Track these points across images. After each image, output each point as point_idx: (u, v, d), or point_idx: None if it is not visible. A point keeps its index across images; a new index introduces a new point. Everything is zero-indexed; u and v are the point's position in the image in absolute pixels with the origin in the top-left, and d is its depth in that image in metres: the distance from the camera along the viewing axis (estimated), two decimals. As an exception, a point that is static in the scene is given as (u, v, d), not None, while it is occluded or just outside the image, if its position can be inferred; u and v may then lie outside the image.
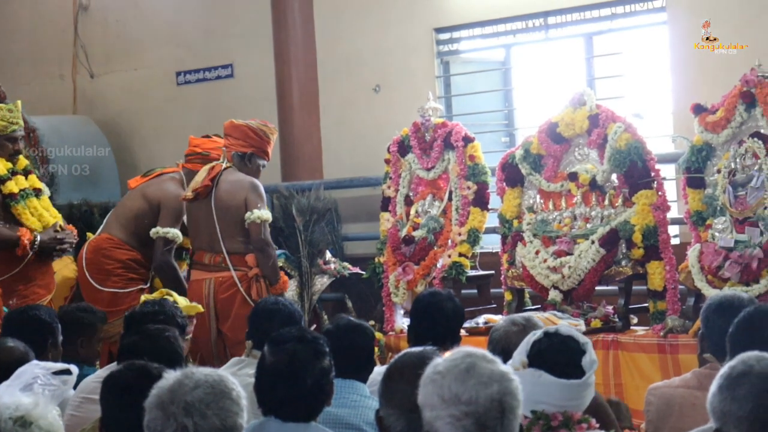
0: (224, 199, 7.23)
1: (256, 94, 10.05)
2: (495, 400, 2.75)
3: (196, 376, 3.02)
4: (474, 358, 2.84)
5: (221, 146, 7.56)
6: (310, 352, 3.77)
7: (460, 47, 9.42)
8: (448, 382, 2.80)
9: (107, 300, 7.34)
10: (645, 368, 6.30)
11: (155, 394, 3.02)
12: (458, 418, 2.77)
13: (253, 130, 7.44)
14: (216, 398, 2.99)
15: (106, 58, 11.13)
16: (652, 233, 6.56)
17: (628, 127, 6.72)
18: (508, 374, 2.83)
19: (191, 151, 7.75)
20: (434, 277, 7.45)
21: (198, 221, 7.38)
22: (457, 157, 7.52)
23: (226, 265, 7.17)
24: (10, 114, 7.39)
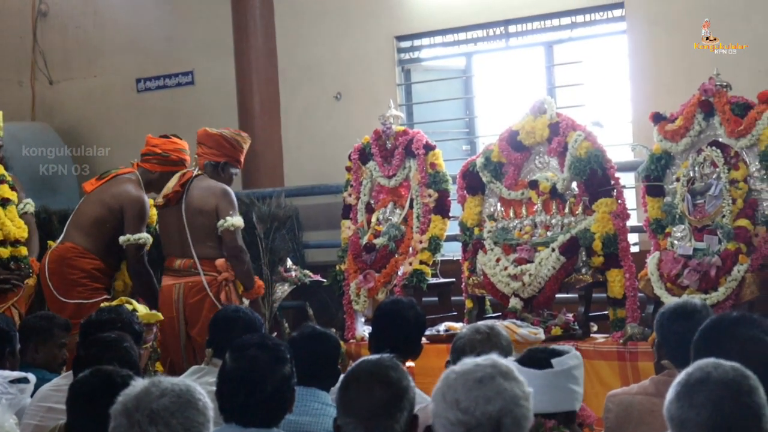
0: (195, 206, 7.30)
1: (216, 102, 10.01)
2: (492, 418, 2.74)
3: (162, 385, 3.00)
4: (496, 371, 2.83)
5: (181, 147, 7.62)
6: (271, 358, 3.80)
7: (421, 55, 9.43)
8: (457, 385, 2.80)
9: (71, 311, 7.24)
10: (605, 375, 6.33)
11: (121, 401, 2.99)
12: (452, 422, 2.77)
13: (227, 140, 7.54)
14: (182, 407, 2.97)
15: (65, 64, 11.06)
16: (612, 241, 6.59)
17: (588, 136, 6.76)
18: (521, 399, 2.80)
19: (149, 150, 7.71)
20: (395, 285, 7.45)
21: (169, 227, 7.43)
22: (418, 164, 7.52)
23: (195, 270, 7.21)
24: None
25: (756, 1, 7.70)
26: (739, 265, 6.08)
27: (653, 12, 8.10)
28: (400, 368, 3.35)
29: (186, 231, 7.30)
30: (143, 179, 7.63)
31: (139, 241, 7.48)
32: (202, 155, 7.53)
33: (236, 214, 7.35)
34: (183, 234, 7.31)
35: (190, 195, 7.37)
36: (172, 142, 7.74)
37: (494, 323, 4.56)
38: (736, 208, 6.22)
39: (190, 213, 7.33)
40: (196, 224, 7.29)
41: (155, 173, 7.69)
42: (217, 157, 7.52)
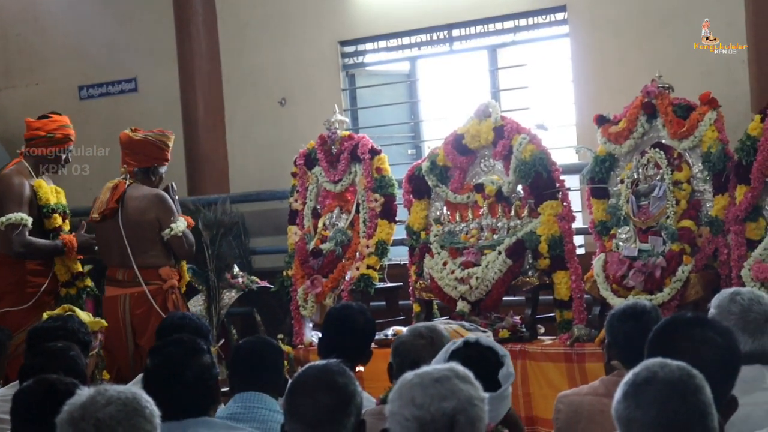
0: (133, 217, 7.25)
1: (160, 108, 9.96)
2: (446, 415, 2.75)
3: (108, 393, 2.98)
4: (452, 373, 2.84)
5: (63, 124, 7.56)
6: (186, 350, 3.91)
7: (365, 60, 9.44)
8: (414, 384, 2.81)
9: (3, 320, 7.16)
10: (553, 377, 6.36)
11: (67, 410, 2.97)
12: (406, 418, 2.77)
13: (152, 144, 7.45)
14: (128, 416, 2.95)
15: (6, 72, 10.95)
16: (558, 243, 6.63)
17: (533, 139, 6.79)
18: (476, 400, 2.81)
19: (32, 135, 7.57)
20: (343, 290, 7.45)
21: (107, 240, 7.35)
22: (363, 169, 7.52)
23: (139, 280, 7.13)
24: None
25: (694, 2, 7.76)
26: (683, 266, 6.14)
27: (595, 15, 8.17)
28: (347, 373, 3.34)
29: (125, 243, 7.19)
30: (31, 164, 7.52)
31: (11, 221, 7.30)
32: (130, 163, 7.45)
33: (177, 218, 7.28)
34: (122, 246, 7.21)
35: (126, 207, 7.28)
36: (53, 120, 7.64)
37: (435, 324, 4.57)
38: (679, 209, 6.28)
39: (128, 226, 7.23)
40: (136, 236, 7.21)
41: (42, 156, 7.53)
42: (146, 162, 7.43)
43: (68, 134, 7.59)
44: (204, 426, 3.79)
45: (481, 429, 2.83)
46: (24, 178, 7.45)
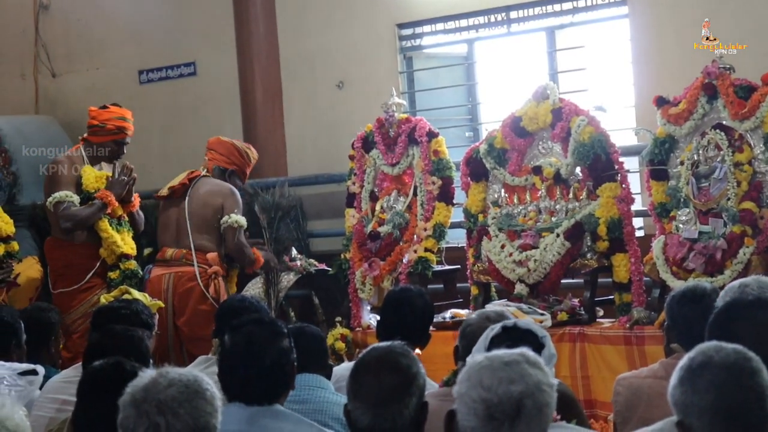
0: (200, 199, 7.52)
1: (219, 92, 10.01)
2: (513, 399, 2.76)
3: (170, 375, 3.02)
4: (523, 357, 2.86)
5: (117, 116, 7.68)
6: (267, 332, 3.86)
7: (422, 42, 9.41)
8: (483, 367, 2.82)
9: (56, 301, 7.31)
10: (611, 360, 6.33)
11: (129, 392, 3.01)
12: (474, 400, 2.78)
13: (237, 149, 7.80)
14: (189, 397, 2.98)
15: (67, 57, 11.04)
16: (617, 225, 6.59)
17: (591, 120, 6.75)
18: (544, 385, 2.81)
19: (89, 123, 7.74)
20: (400, 273, 7.46)
21: (168, 218, 7.61)
22: (421, 152, 7.52)
23: (187, 260, 7.27)
24: None
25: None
26: (744, 248, 6.08)
27: (655, -5, 8.09)
28: (411, 355, 3.39)
29: (186, 221, 7.45)
30: (87, 152, 7.67)
31: (55, 200, 7.48)
32: (211, 159, 7.75)
33: (240, 213, 7.54)
34: (182, 224, 7.46)
35: (196, 189, 7.59)
36: (109, 111, 7.75)
37: (503, 310, 4.57)
38: (740, 191, 6.21)
39: (193, 206, 7.50)
40: (197, 216, 7.48)
41: (96, 144, 7.71)
42: (226, 164, 7.76)
43: (122, 127, 7.67)
44: (273, 417, 3.77)
45: (549, 415, 2.82)
46: (74, 163, 7.61)
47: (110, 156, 7.72)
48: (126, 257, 7.63)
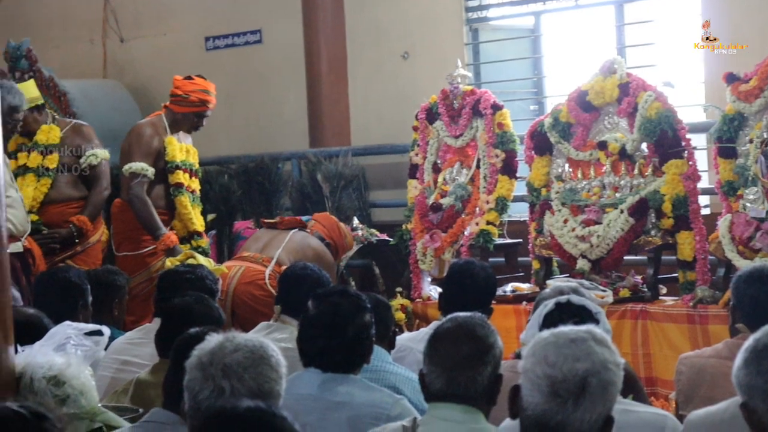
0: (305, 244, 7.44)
1: (284, 60, 10.04)
2: (578, 376, 2.75)
3: (236, 340, 3.05)
4: (589, 335, 2.84)
5: (201, 88, 7.70)
6: (353, 305, 3.96)
7: (489, 14, 9.36)
8: (549, 343, 2.83)
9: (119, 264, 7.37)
10: (674, 338, 6.29)
11: (196, 354, 3.05)
12: (538, 376, 2.78)
13: (339, 229, 7.82)
14: (254, 363, 3.00)
15: (135, 22, 11.12)
16: (682, 203, 6.53)
17: (659, 96, 6.68)
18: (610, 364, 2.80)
19: (172, 92, 7.76)
20: (462, 245, 7.45)
21: (262, 235, 7.57)
22: (485, 124, 7.49)
23: (263, 263, 7.19)
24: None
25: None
26: (813, 228, 6.00)
27: (727, -30, 7.97)
28: (489, 326, 3.45)
29: (282, 243, 7.34)
30: (169, 120, 7.71)
31: (131, 170, 7.50)
32: (315, 227, 7.71)
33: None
34: (276, 243, 7.36)
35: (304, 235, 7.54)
36: (193, 83, 7.75)
37: (577, 286, 4.56)
38: (811, 170, 6.13)
39: (295, 240, 7.42)
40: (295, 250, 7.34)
41: (178, 114, 7.73)
42: (326, 236, 7.70)
43: (204, 99, 7.70)
44: (344, 383, 3.87)
45: (614, 394, 2.81)
46: (157, 131, 7.64)
47: (190, 126, 7.77)
48: (198, 234, 7.69)
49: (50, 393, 3.50)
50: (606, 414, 2.80)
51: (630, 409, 3.49)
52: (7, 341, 3.59)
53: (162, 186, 7.64)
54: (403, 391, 4.28)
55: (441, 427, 3.28)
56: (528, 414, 2.81)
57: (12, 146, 7.71)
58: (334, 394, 3.83)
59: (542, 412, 2.77)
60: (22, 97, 7.03)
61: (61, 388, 3.52)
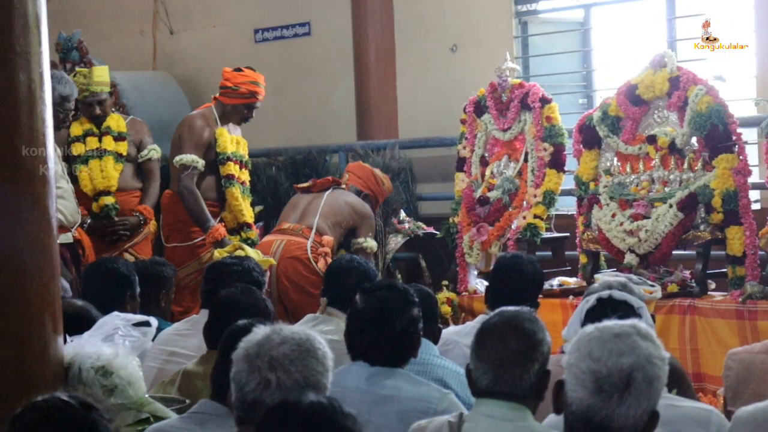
0: (341, 203, 7.62)
1: (333, 53, 10.05)
2: (623, 371, 2.74)
3: (283, 333, 3.05)
4: (634, 329, 2.83)
5: (251, 80, 7.74)
6: (401, 299, 3.97)
7: (538, 7, 9.32)
8: (593, 338, 2.82)
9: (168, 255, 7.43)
10: (722, 334, 6.24)
11: (243, 347, 3.05)
12: (583, 371, 2.78)
13: (375, 176, 7.93)
14: (301, 355, 3.00)
15: (185, 14, 11.18)
16: (732, 198, 6.47)
17: (710, 90, 6.62)
18: (655, 359, 2.79)
19: (222, 84, 7.81)
20: (509, 239, 7.43)
21: (298, 201, 7.69)
22: (533, 118, 7.46)
23: (304, 234, 7.29)
24: (84, 80, 7.64)
25: None
26: None
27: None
28: (538, 321, 3.41)
29: (318, 207, 7.49)
30: (219, 111, 7.75)
31: (182, 161, 7.56)
32: (350, 180, 7.86)
33: (372, 239, 7.71)
34: (313, 209, 7.51)
35: (339, 193, 7.70)
36: (243, 75, 7.79)
37: (626, 280, 4.53)
38: None
39: (330, 202, 7.57)
40: (331, 212, 7.53)
41: (228, 105, 7.77)
42: (362, 188, 7.87)
43: (254, 91, 7.74)
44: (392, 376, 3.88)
45: (659, 389, 2.79)
46: (207, 123, 7.69)
47: (240, 118, 7.81)
48: (248, 226, 7.73)
49: (98, 383, 3.54)
50: (651, 409, 2.78)
51: (674, 404, 3.46)
52: (57, 331, 3.64)
53: (213, 177, 7.70)
54: (450, 384, 4.28)
55: (487, 424, 3.26)
56: (572, 409, 2.80)
57: (78, 130, 7.82)
58: (381, 388, 3.84)
59: (587, 407, 2.76)
60: (72, 87, 7.13)
61: (109, 378, 3.55)
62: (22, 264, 3.56)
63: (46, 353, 3.57)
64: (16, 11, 3.56)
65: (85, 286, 5.68)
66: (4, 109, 3.55)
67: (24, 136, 3.56)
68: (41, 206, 3.61)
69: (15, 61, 3.56)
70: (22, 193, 3.57)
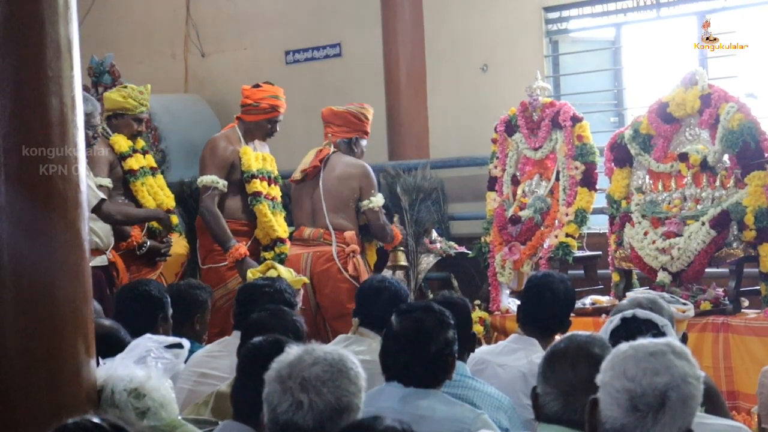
0: (335, 180, 7.57)
1: (363, 74, 10.07)
2: (658, 390, 2.72)
3: (316, 353, 3.04)
4: (669, 348, 2.82)
5: (270, 94, 7.74)
6: (437, 321, 3.97)
7: (569, 26, 9.32)
8: (627, 356, 2.80)
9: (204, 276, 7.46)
10: (756, 352, 6.20)
11: (275, 368, 3.05)
12: (617, 390, 2.77)
13: (353, 115, 7.81)
14: (333, 376, 3.00)
15: (216, 37, 11.25)
16: (765, 215, 6.43)
17: (741, 107, 6.59)
18: (690, 378, 2.78)
19: (243, 102, 7.83)
20: (541, 257, 7.41)
21: (302, 199, 7.67)
22: (565, 136, 7.46)
23: (325, 239, 7.35)
24: (141, 96, 7.76)
25: None
26: None
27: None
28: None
29: (321, 201, 7.51)
30: (242, 130, 7.76)
31: (203, 182, 7.55)
32: (333, 134, 7.75)
33: (377, 192, 7.65)
34: (317, 205, 7.54)
35: (329, 169, 7.63)
36: (261, 90, 7.80)
37: (656, 298, 4.51)
38: None
39: (328, 186, 7.56)
40: (332, 196, 7.54)
41: (251, 123, 7.77)
42: (347, 134, 7.78)
43: (275, 105, 7.74)
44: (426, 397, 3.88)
45: (694, 408, 2.77)
46: (231, 143, 7.70)
47: (264, 133, 7.83)
48: (281, 241, 7.72)
49: (131, 405, 3.55)
50: (686, 428, 2.77)
51: (704, 422, 3.44)
52: (89, 354, 3.66)
53: (239, 197, 7.70)
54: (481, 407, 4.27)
55: None
56: (606, 428, 2.79)
57: (124, 147, 7.77)
58: (415, 408, 3.84)
59: (621, 426, 2.75)
60: (95, 103, 7.15)
61: (142, 400, 3.57)
62: (55, 288, 3.58)
63: (79, 376, 3.59)
64: (48, 36, 3.59)
65: (118, 308, 5.70)
66: (37, 133, 3.58)
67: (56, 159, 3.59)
68: (73, 230, 3.63)
69: (47, 85, 3.59)
70: (54, 216, 3.60)
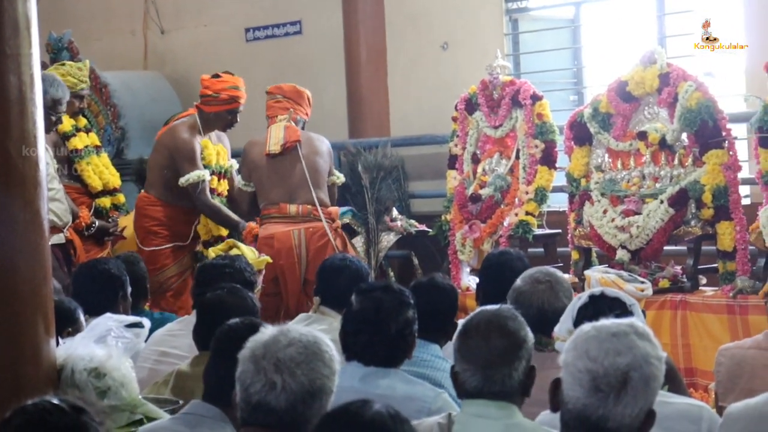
0: (315, 157, 7.59)
1: (324, 52, 10.04)
2: (620, 371, 2.75)
3: (291, 334, 3.02)
4: (631, 328, 2.84)
5: (230, 85, 7.63)
6: (396, 301, 4.00)
7: (529, 4, 9.33)
8: (590, 337, 2.82)
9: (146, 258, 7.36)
10: (714, 329, 6.26)
11: (250, 347, 3.02)
12: (579, 370, 2.79)
13: (309, 99, 7.87)
14: (308, 358, 2.98)
15: (176, 14, 11.16)
16: (723, 193, 6.49)
17: (700, 86, 6.64)
18: (652, 358, 2.80)
19: (202, 92, 7.72)
20: (501, 236, 7.44)
21: (281, 174, 7.54)
22: (525, 115, 7.48)
23: (315, 215, 7.31)
24: (80, 72, 7.59)
25: None
26: None
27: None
28: (519, 319, 3.41)
29: (306, 177, 7.47)
30: (201, 120, 7.67)
31: (190, 180, 7.46)
32: (295, 111, 7.75)
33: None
34: (301, 180, 7.47)
35: (306, 145, 7.61)
36: (221, 81, 7.68)
37: (554, 270, 4.55)
38: None
39: (310, 161, 7.55)
40: (315, 171, 7.55)
41: (211, 114, 7.65)
42: (305, 115, 7.83)
43: (235, 96, 7.62)
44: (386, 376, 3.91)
45: (655, 388, 2.80)
46: (194, 133, 7.60)
47: (224, 124, 7.73)
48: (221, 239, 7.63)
49: (91, 385, 3.54)
50: (648, 408, 2.79)
51: (666, 401, 3.47)
52: (49, 334, 3.64)
53: None
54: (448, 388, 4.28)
55: (476, 424, 3.26)
56: (569, 408, 2.81)
57: (68, 126, 7.59)
58: (375, 387, 3.85)
59: (583, 406, 2.77)
60: (65, 90, 7.03)
61: (102, 380, 3.56)
62: (14, 266, 3.56)
63: (38, 355, 3.58)
64: (6, 13, 3.56)
65: (76, 286, 5.65)
66: (-5, 112, 3.55)
67: (15, 139, 3.57)
68: (33, 208, 3.61)
69: (5, 63, 3.56)
70: (13, 196, 3.58)
